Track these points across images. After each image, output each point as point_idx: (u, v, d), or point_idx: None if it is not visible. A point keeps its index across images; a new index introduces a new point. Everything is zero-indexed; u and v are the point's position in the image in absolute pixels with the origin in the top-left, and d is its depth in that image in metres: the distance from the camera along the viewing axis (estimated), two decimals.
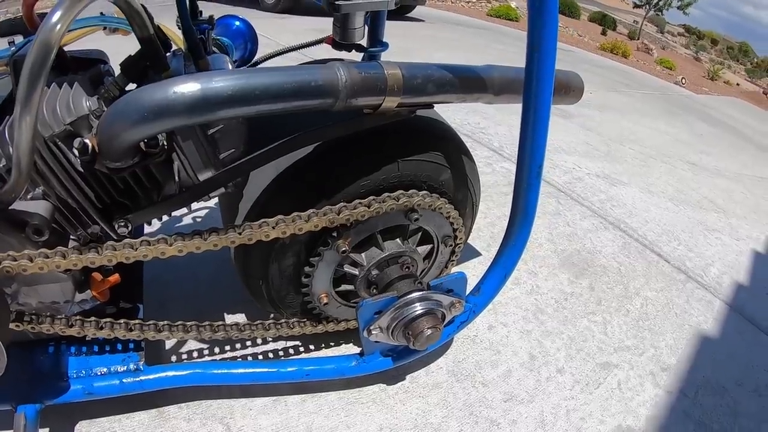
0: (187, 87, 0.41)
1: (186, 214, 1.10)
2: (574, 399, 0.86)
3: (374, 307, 0.63)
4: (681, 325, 1.11)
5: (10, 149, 0.50)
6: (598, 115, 2.84)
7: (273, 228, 0.56)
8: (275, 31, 3.20)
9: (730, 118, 4.43)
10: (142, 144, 0.50)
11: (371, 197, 0.60)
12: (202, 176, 0.57)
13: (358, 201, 0.59)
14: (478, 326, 0.97)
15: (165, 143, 0.52)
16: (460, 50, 4.01)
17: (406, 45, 3.54)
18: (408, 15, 5.27)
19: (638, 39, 11.34)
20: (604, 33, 10.56)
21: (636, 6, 15.49)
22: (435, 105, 0.59)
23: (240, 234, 0.55)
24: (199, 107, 0.42)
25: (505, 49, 4.40)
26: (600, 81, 4.18)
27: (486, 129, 2.06)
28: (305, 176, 0.60)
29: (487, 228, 1.29)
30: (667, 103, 4.18)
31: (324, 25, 0.98)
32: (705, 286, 1.27)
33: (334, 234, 0.62)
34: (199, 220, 1.12)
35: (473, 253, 1.17)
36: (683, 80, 6.18)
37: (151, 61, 0.52)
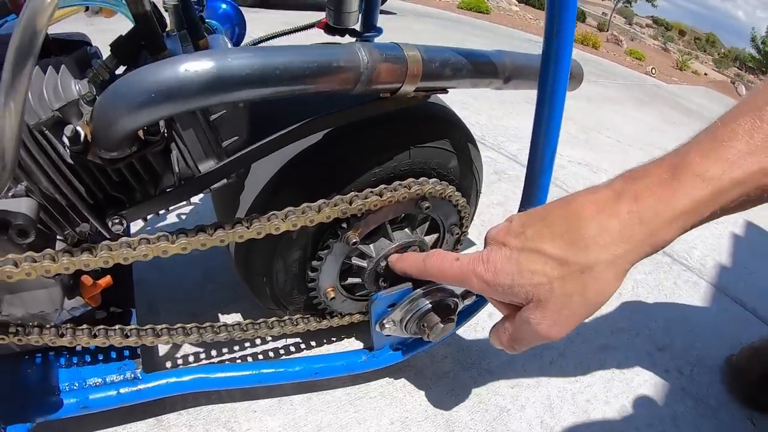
0: (201, 65, 0.37)
1: (171, 211, 1.04)
2: (578, 382, 0.87)
3: (388, 299, 0.61)
4: (671, 306, 1.14)
5: None
6: (572, 104, 2.90)
7: (283, 220, 0.53)
8: (248, 27, 3.09)
9: (700, 107, 4.64)
10: (140, 131, 0.46)
11: (382, 186, 0.58)
12: (204, 166, 0.53)
13: (369, 190, 0.57)
14: (479, 314, 0.96)
15: (165, 130, 0.48)
16: (440, 44, 4.04)
17: (382, 38, 3.52)
18: (380, 8, 5.21)
19: (607, 30, 11.67)
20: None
21: None
22: (449, 90, 0.57)
23: (249, 228, 0.52)
24: (214, 87, 0.38)
25: (487, 43, 4.45)
26: None
27: (466, 118, 2.06)
28: (314, 165, 0.57)
29: (476, 217, 1.29)
30: (639, 92, 4.34)
31: (296, 20, 0.96)
32: (690, 268, 1.32)
33: (344, 225, 0.60)
34: (183, 216, 1.06)
35: (466, 243, 1.17)
36: (653, 70, 6.43)
37: (147, 41, 0.48)
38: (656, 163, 0.35)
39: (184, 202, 0.56)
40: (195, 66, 0.38)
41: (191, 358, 0.74)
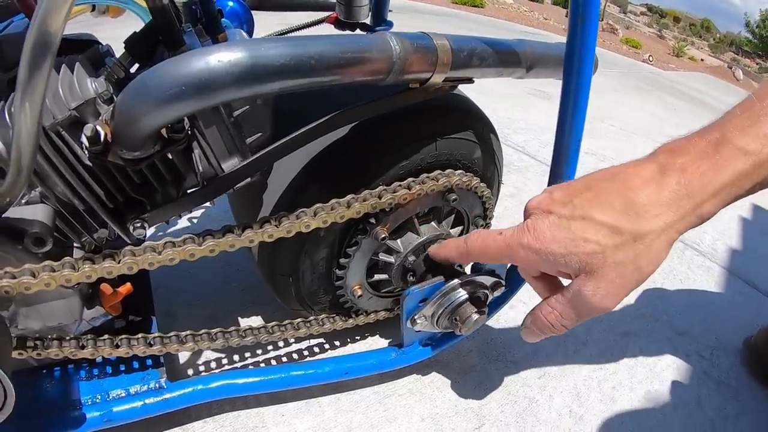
0: (234, 55, 0.35)
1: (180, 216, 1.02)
2: (602, 369, 0.87)
3: (420, 294, 0.59)
4: (687, 291, 1.14)
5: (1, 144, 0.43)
6: None
7: (313, 217, 0.51)
8: None
9: (699, 92, 4.67)
10: (163, 129, 0.43)
11: (410, 179, 0.56)
12: (227, 165, 0.51)
13: (397, 184, 0.55)
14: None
15: (189, 128, 0.45)
16: None
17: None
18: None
19: (602, 20, 11.73)
20: (567, 15, 10.93)
21: None
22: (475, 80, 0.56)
23: (278, 226, 0.50)
24: (248, 78, 0.36)
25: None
26: None
27: None
28: (341, 160, 0.55)
29: None
30: (638, 80, 4.35)
31: (294, 22, 0.94)
32: (702, 253, 1.32)
33: (372, 221, 0.58)
34: (195, 220, 1.04)
35: None
36: (650, 58, 6.44)
37: (165, 36, 0.45)
38: (694, 139, 0.36)
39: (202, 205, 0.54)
40: (228, 56, 0.35)
41: (213, 364, 0.72)
